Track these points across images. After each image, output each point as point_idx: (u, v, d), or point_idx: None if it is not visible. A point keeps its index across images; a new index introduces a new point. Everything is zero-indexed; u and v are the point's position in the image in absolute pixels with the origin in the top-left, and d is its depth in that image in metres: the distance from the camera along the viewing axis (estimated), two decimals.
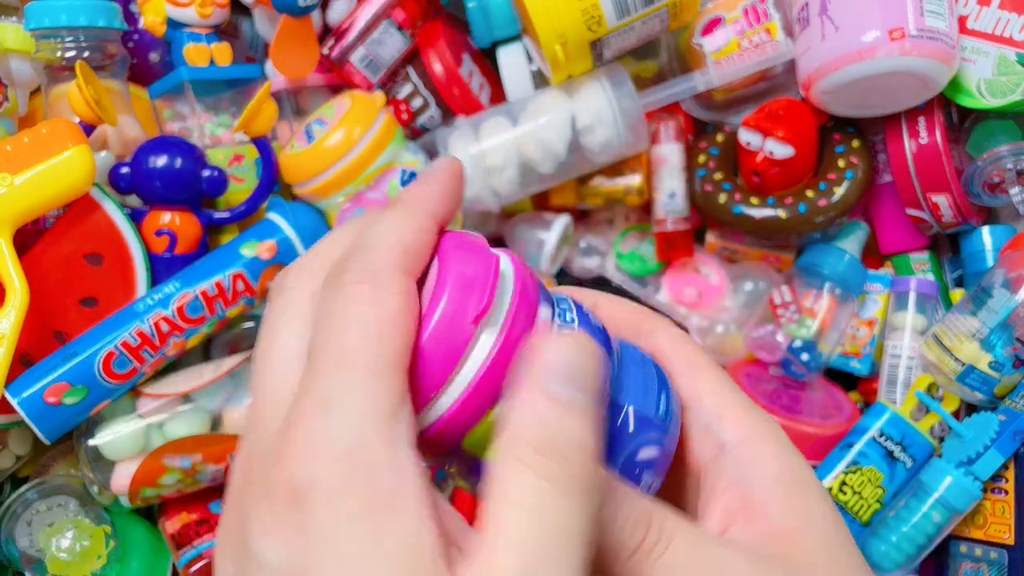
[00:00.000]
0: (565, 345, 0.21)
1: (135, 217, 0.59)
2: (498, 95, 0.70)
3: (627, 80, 0.62)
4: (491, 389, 0.22)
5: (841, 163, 0.66)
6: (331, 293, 0.22)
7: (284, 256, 0.59)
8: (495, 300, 0.23)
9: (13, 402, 0.52)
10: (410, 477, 0.20)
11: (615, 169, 0.69)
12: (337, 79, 0.70)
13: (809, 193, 0.66)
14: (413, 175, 0.63)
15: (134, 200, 0.61)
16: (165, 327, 0.55)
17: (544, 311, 0.24)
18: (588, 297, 0.30)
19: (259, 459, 0.21)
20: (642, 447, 0.25)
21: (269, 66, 0.68)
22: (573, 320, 0.25)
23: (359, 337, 0.21)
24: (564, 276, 0.75)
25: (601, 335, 0.25)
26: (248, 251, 0.58)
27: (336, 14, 0.68)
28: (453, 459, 0.24)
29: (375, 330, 0.21)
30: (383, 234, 0.23)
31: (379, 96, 0.63)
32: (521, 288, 0.24)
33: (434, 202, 0.24)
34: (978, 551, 0.60)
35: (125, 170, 0.58)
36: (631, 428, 0.25)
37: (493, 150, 0.63)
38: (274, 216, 0.60)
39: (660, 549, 0.23)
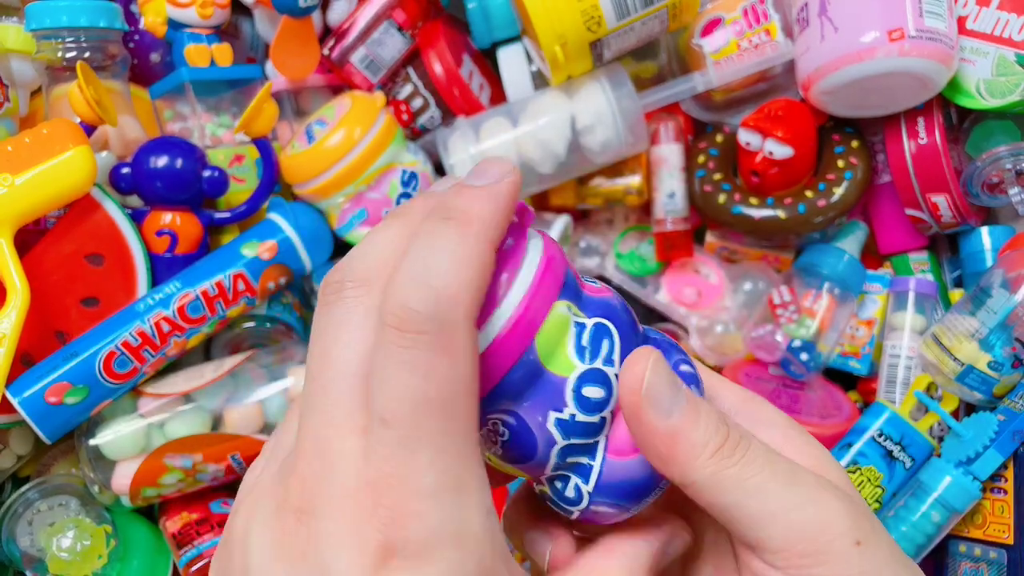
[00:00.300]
0: None
1: (136, 217, 0.59)
2: (498, 95, 0.70)
3: (627, 80, 0.63)
4: (551, 285, 0.24)
5: (840, 163, 0.66)
6: (396, 345, 0.21)
7: (284, 256, 0.59)
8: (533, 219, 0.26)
9: (14, 402, 0.52)
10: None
11: (615, 169, 0.69)
12: (337, 79, 0.71)
13: (808, 193, 0.66)
14: (413, 175, 0.63)
15: (135, 200, 0.61)
16: (166, 327, 0.55)
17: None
18: None
19: (341, 490, 0.21)
20: (680, 363, 0.27)
21: (270, 67, 0.68)
22: (595, 280, 0.27)
23: (433, 414, 0.21)
24: None
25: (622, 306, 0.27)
26: (249, 251, 0.58)
27: (336, 15, 0.68)
28: (517, 383, 0.24)
29: (450, 406, 0.21)
30: (448, 266, 0.21)
31: (379, 97, 0.63)
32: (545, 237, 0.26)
33: (497, 230, 0.23)
34: (977, 551, 0.60)
35: (126, 170, 0.59)
36: (666, 347, 0.27)
37: (493, 150, 0.63)
38: (275, 216, 0.60)
39: (743, 449, 0.24)
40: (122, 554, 0.58)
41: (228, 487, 0.62)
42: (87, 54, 0.60)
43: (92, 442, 0.56)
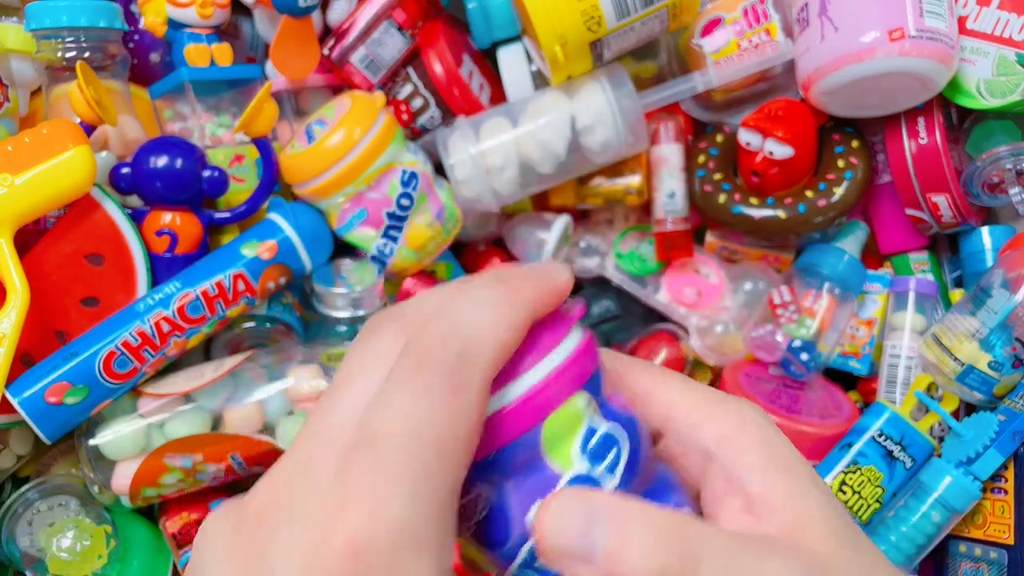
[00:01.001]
0: None
1: (136, 217, 0.59)
2: (498, 95, 0.70)
3: (627, 80, 0.63)
4: (577, 375, 0.24)
5: (840, 163, 0.66)
6: (410, 372, 0.21)
7: (284, 256, 0.59)
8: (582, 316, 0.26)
9: (14, 402, 0.52)
10: None
11: (615, 169, 0.69)
12: (337, 79, 0.71)
13: (808, 193, 0.66)
14: (414, 175, 0.63)
15: (135, 200, 0.61)
16: (166, 327, 0.55)
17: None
18: None
19: (303, 498, 0.20)
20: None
21: (269, 66, 0.68)
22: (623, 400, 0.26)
23: (423, 452, 0.20)
24: None
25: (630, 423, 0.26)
26: (249, 251, 0.58)
27: (336, 14, 0.68)
28: (513, 459, 0.23)
29: (441, 452, 0.20)
30: (483, 319, 0.22)
31: (379, 96, 0.63)
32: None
33: (537, 305, 0.24)
34: (977, 551, 0.60)
35: (126, 170, 0.58)
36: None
37: (493, 150, 0.63)
38: (275, 216, 0.60)
39: (692, 569, 0.21)
40: (122, 554, 0.58)
41: (228, 487, 0.62)
42: (87, 54, 0.60)
43: (92, 442, 0.56)
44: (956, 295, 0.69)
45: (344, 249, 0.65)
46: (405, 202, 0.62)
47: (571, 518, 0.22)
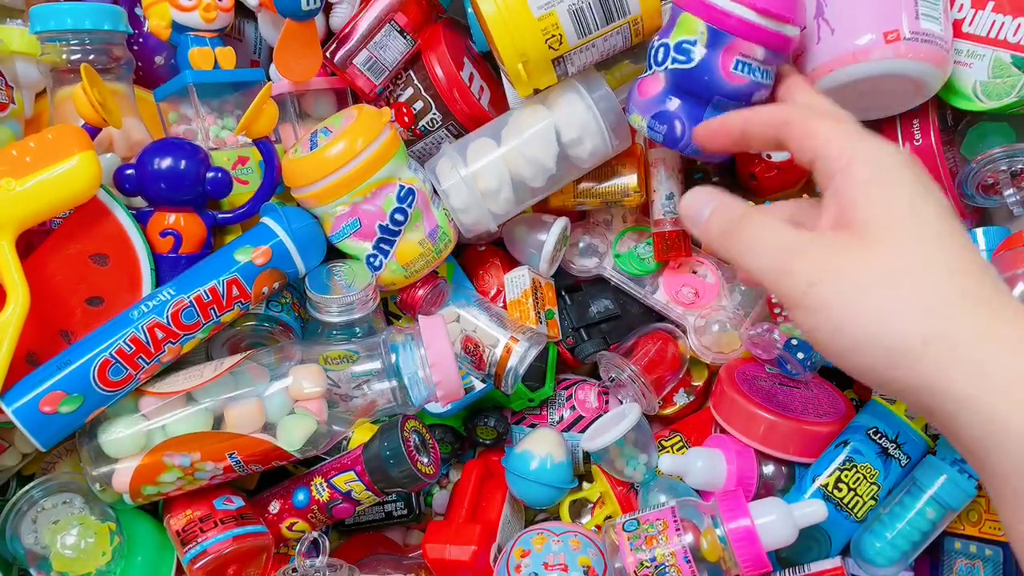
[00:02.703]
0: None
1: (140, 218, 0.59)
2: (498, 98, 0.71)
3: (602, 83, 0.63)
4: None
5: None
6: None
7: (278, 260, 0.59)
8: None
9: (8, 412, 0.52)
10: None
11: (613, 171, 0.69)
12: (340, 82, 0.71)
13: (806, 196, 0.66)
14: (411, 192, 0.63)
15: (139, 201, 0.61)
16: (160, 334, 0.55)
17: None
18: None
19: None
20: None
21: (273, 70, 0.69)
22: None
23: None
24: (563, 276, 0.75)
25: None
26: (242, 256, 0.58)
27: (339, 18, 0.68)
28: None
29: None
30: None
31: (386, 112, 0.64)
32: None
33: None
34: (973, 548, 0.61)
35: (130, 172, 0.59)
36: None
37: (484, 172, 0.64)
38: (268, 221, 0.60)
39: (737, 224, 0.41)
40: (126, 551, 0.59)
41: (230, 485, 0.62)
42: (91, 56, 0.60)
43: (93, 441, 0.56)
44: None
45: (336, 255, 0.66)
46: (399, 217, 0.63)
47: (696, 201, 0.44)
